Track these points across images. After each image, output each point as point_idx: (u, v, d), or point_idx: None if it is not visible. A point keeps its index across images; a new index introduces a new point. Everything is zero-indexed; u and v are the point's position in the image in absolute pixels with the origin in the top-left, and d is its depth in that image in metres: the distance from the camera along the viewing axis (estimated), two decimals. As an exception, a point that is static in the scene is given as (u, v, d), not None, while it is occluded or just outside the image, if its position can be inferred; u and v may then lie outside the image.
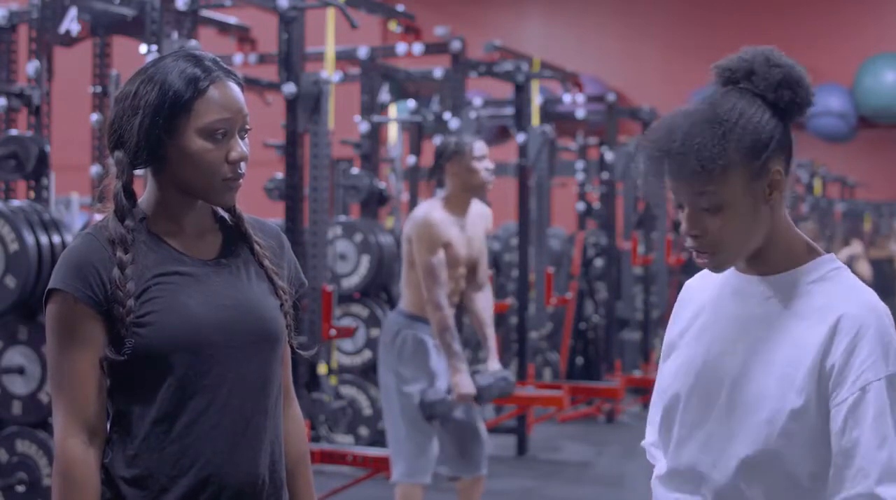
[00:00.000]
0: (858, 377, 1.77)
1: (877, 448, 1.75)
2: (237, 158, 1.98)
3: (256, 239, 2.10)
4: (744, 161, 1.80)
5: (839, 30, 14.46)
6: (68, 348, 1.96)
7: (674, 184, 1.84)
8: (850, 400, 1.77)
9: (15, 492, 4.87)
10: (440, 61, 7.77)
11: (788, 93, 1.83)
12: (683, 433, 1.91)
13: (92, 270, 1.95)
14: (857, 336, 1.79)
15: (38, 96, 5.29)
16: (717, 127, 1.80)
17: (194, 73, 1.96)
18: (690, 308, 1.99)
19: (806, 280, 1.87)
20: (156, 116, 1.95)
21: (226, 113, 1.97)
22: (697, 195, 1.82)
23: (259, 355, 2.03)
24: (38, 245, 4.85)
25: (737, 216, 1.82)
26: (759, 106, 1.82)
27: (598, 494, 6.93)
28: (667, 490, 1.94)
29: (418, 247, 4.72)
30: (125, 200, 2.00)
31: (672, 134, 1.82)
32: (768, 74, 1.83)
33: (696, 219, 1.84)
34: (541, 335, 8.56)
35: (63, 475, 1.95)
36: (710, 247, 1.84)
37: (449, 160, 4.79)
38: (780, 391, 1.82)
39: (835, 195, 15.28)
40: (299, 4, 5.55)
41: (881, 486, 1.75)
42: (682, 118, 1.83)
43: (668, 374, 1.97)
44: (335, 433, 6.77)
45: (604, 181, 9.34)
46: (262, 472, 2.03)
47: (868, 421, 1.76)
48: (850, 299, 1.83)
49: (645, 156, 1.85)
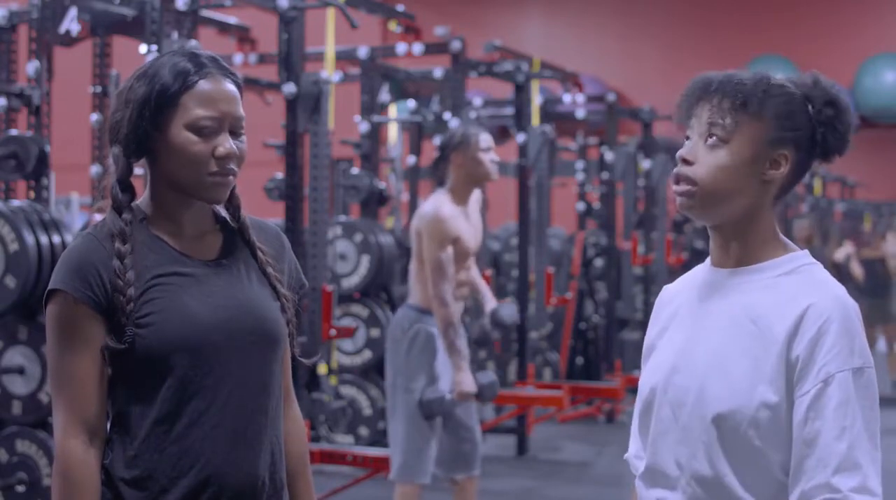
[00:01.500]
0: (821, 369, 1.80)
1: (835, 439, 1.78)
2: (224, 153, 1.97)
3: (260, 246, 2.10)
4: (769, 121, 1.87)
5: (839, 30, 14.45)
6: (68, 348, 1.96)
7: (700, 110, 1.90)
8: (813, 392, 1.80)
9: (15, 492, 4.87)
10: (440, 61, 7.77)
11: (832, 111, 1.89)
12: (661, 427, 1.93)
13: (92, 270, 1.95)
14: (822, 328, 1.81)
15: (38, 96, 5.29)
16: (764, 84, 1.89)
17: (185, 67, 1.97)
18: (668, 309, 2.02)
19: (775, 273, 1.90)
20: (143, 109, 1.96)
21: (213, 109, 1.97)
22: (713, 125, 1.88)
23: (259, 356, 2.03)
24: (38, 245, 4.85)
25: (731, 161, 1.87)
26: (806, 107, 1.90)
27: (598, 494, 6.93)
28: (647, 487, 1.96)
29: (428, 242, 4.73)
30: (121, 193, 2.00)
31: (721, 75, 1.92)
32: (826, 91, 1.91)
33: (697, 148, 1.90)
34: (541, 335, 8.56)
35: (63, 475, 1.95)
36: (692, 176, 1.88)
37: (455, 151, 4.81)
38: (750, 383, 1.84)
39: (835, 195, 15.28)
40: (299, 4, 5.55)
41: (837, 476, 1.77)
42: (732, 72, 1.93)
43: (646, 374, 2.01)
44: (335, 432, 6.77)
45: (604, 181, 9.34)
46: (262, 473, 2.03)
47: (829, 413, 1.78)
48: (818, 291, 1.85)
49: (687, 88, 1.94)
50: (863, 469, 1.77)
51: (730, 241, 1.92)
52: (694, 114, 1.91)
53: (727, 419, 1.84)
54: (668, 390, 1.93)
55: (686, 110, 1.92)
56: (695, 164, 1.89)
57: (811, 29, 14.17)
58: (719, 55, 2.95)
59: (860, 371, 1.80)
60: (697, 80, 1.93)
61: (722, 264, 1.94)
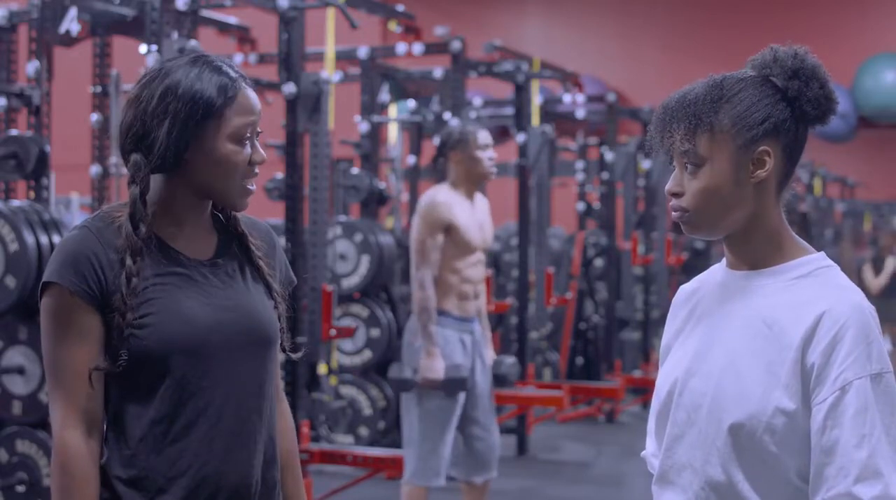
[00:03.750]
0: (838, 377, 1.77)
1: (855, 447, 1.75)
2: (260, 159, 2.03)
3: (252, 239, 2.11)
4: (732, 129, 1.84)
5: (839, 30, 14.46)
6: (64, 341, 1.96)
7: (666, 140, 1.89)
8: (830, 399, 1.77)
9: (15, 492, 4.87)
10: (440, 61, 7.77)
11: (799, 83, 1.85)
12: (675, 431, 1.92)
13: (86, 262, 1.95)
14: (837, 335, 1.78)
15: (38, 96, 5.29)
16: (717, 91, 1.86)
17: (222, 81, 2.00)
18: (684, 310, 2.01)
19: (791, 276, 1.87)
20: (187, 123, 1.97)
21: (251, 117, 2.02)
22: (683, 153, 1.87)
23: (255, 357, 2.04)
24: (38, 245, 4.85)
25: (713, 181, 1.85)
26: (769, 90, 1.86)
27: (598, 494, 6.93)
28: (661, 490, 1.95)
29: (419, 224, 4.72)
30: (142, 207, 1.99)
31: (677, 96, 1.90)
32: (785, 63, 1.87)
33: (680, 177, 1.88)
34: (541, 335, 8.56)
35: (62, 467, 1.95)
36: (685, 207, 1.87)
37: (453, 149, 4.80)
38: (765, 388, 1.81)
39: (835, 195, 15.29)
40: (299, 4, 5.55)
41: (858, 485, 1.74)
42: (689, 89, 1.90)
43: (663, 375, 1.98)
44: (335, 432, 6.77)
45: (604, 181, 9.34)
46: (256, 473, 2.03)
47: (847, 421, 1.76)
48: (834, 296, 1.82)
49: (652, 118, 1.92)
50: (884, 478, 1.75)
51: (740, 246, 1.90)
52: (665, 145, 1.90)
53: (742, 425, 1.82)
54: (683, 393, 1.91)
55: (658, 144, 1.90)
56: (683, 194, 1.87)
57: (811, 29, 14.17)
58: (719, 55, 2.94)
59: (878, 377, 1.77)
60: (657, 112, 1.91)
61: (736, 267, 1.92)
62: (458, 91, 7.14)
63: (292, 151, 5.64)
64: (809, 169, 12.89)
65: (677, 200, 1.88)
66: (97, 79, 5.95)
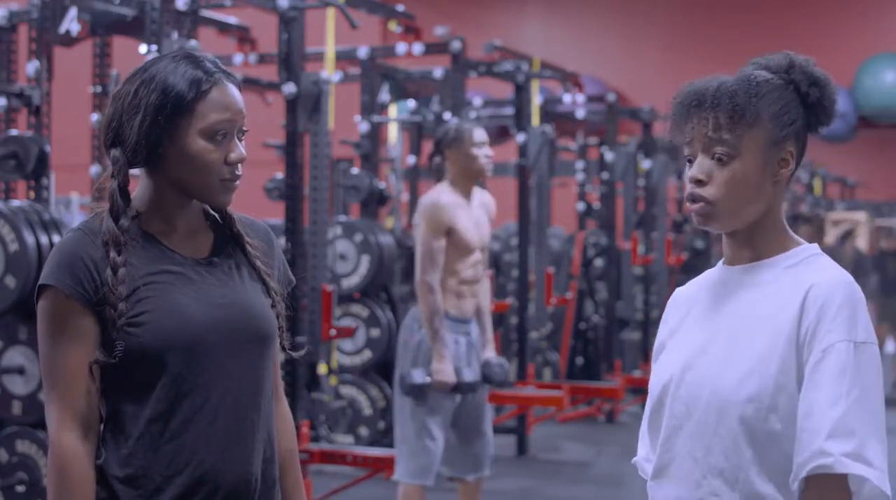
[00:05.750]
0: (822, 340, 1.80)
1: (829, 406, 1.76)
2: (236, 159, 2.00)
3: (248, 239, 2.10)
4: (768, 124, 1.88)
5: (839, 30, 14.46)
6: (60, 343, 1.96)
7: (698, 128, 1.89)
8: (812, 361, 1.80)
9: (15, 492, 4.87)
10: (440, 61, 7.77)
11: (817, 91, 1.91)
12: (674, 423, 1.93)
13: (81, 265, 1.95)
14: (825, 304, 1.82)
15: (38, 96, 5.29)
16: (752, 87, 1.89)
17: (196, 74, 1.98)
18: (679, 312, 2.03)
19: (786, 264, 1.91)
20: (157, 116, 1.96)
21: (226, 114, 1.99)
22: (716, 142, 1.88)
23: (252, 354, 2.04)
24: (38, 245, 4.85)
25: (744, 174, 1.88)
26: (793, 94, 1.91)
27: (598, 494, 6.93)
28: (659, 486, 1.95)
29: (423, 228, 4.72)
30: (121, 200, 2.00)
31: (707, 86, 1.91)
32: (806, 70, 1.92)
33: (706, 165, 1.89)
34: (541, 335, 8.57)
35: (58, 469, 1.95)
36: (708, 197, 1.88)
37: (449, 146, 4.80)
38: (765, 368, 1.84)
39: (835, 195, 15.29)
40: (299, 4, 5.55)
41: (829, 441, 1.75)
42: (716, 80, 1.92)
43: (656, 373, 2.00)
44: (335, 432, 6.77)
45: (604, 181, 9.34)
46: (255, 471, 2.03)
47: (825, 381, 1.78)
48: (820, 273, 1.87)
49: (676, 104, 1.93)
50: (857, 436, 1.74)
51: (746, 241, 1.93)
52: (688, 129, 1.90)
53: (745, 408, 1.83)
54: (681, 386, 1.92)
55: (680, 126, 1.92)
56: (708, 183, 1.89)
57: (811, 29, 14.18)
58: (719, 55, 2.94)
59: (862, 346, 1.80)
60: (687, 95, 1.92)
61: (736, 262, 1.95)
62: (458, 91, 7.14)
63: (292, 151, 5.65)
64: (809, 169, 12.89)
65: (699, 188, 1.89)
66: (97, 79, 5.95)
